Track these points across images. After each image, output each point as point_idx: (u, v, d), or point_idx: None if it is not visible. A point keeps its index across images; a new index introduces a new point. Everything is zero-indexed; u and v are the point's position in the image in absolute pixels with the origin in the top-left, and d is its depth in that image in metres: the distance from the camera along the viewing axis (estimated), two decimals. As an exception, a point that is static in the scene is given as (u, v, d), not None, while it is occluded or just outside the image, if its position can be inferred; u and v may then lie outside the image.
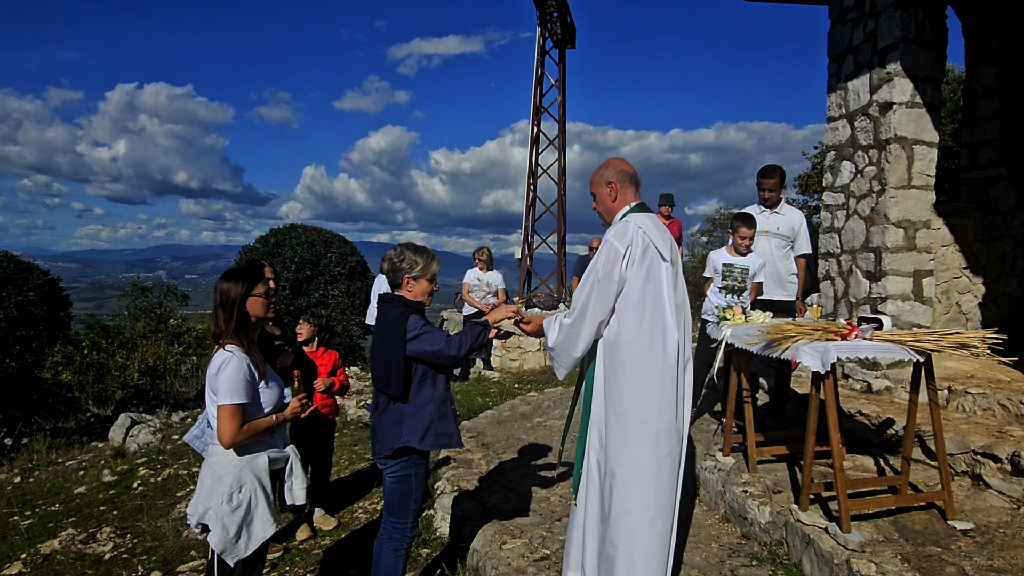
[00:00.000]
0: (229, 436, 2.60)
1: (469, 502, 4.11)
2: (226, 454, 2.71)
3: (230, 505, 2.63)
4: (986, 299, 5.73)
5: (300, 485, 2.90)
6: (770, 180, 5.00)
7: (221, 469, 2.69)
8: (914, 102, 5.11)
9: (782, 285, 5.12)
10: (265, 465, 2.75)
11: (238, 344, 2.70)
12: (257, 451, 2.74)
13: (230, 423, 2.60)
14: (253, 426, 2.68)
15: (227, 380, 2.61)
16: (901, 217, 5.12)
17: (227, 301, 2.73)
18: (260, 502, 2.69)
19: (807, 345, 3.11)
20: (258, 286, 2.79)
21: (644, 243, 2.71)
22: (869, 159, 5.31)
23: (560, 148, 10.19)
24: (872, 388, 5.10)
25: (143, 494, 5.81)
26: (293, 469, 2.90)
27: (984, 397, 4.26)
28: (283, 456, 2.87)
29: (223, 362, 2.65)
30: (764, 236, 5.05)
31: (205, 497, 2.67)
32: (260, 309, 2.80)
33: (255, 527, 2.67)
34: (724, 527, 3.77)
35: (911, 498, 3.29)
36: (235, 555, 2.64)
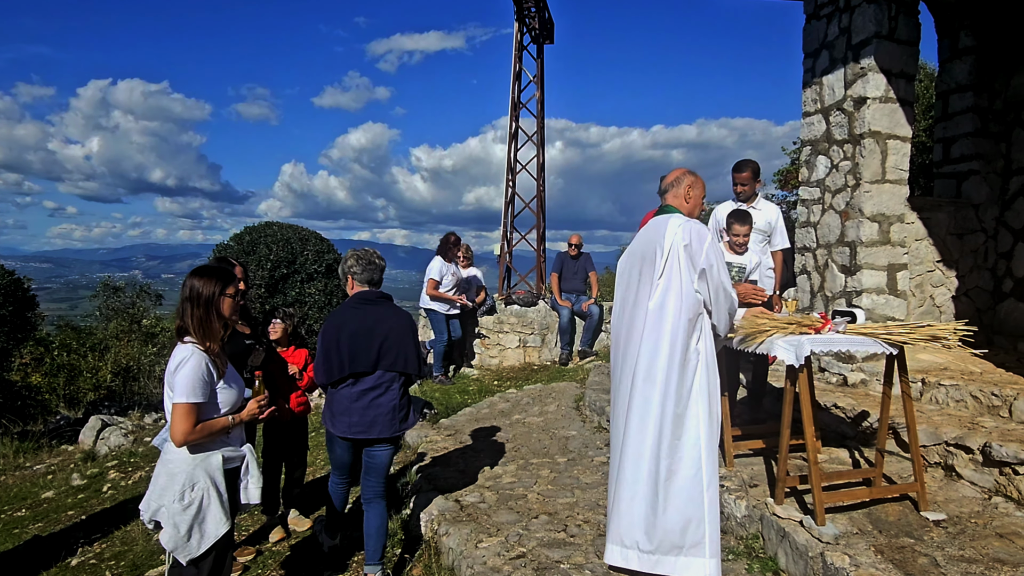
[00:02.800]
0: (181, 435, 2.58)
1: (445, 501, 4.06)
2: (180, 452, 2.67)
3: (182, 503, 2.60)
4: (959, 292, 5.80)
5: (256, 484, 2.87)
6: (742, 174, 4.95)
7: (175, 467, 2.66)
8: (888, 97, 5.14)
9: (759, 280, 5.12)
10: (219, 464, 2.71)
11: (200, 341, 2.67)
12: (211, 449, 2.70)
13: (183, 422, 2.58)
14: (207, 426, 2.65)
15: (184, 378, 2.58)
16: (875, 211, 5.16)
17: (196, 297, 2.68)
18: (213, 501, 2.66)
19: (781, 339, 3.10)
20: (230, 287, 2.76)
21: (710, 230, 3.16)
22: (844, 154, 5.34)
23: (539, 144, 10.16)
24: (848, 381, 5.13)
25: (113, 497, 5.68)
26: (249, 468, 2.86)
27: (957, 389, 4.30)
28: (239, 455, 2.83)
29: (182, 359, 2.62)
30: None
31: (158, 495, 2.65)
32: (229, 310, 2.76)
33: (208, 526, 2.64)
34: (701, 522, 3.75)
35: (885, 490, 3.30)
36: (187, 554, 2.62)
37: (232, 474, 2.81)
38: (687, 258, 2.90)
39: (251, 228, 10.12)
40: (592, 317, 8.50)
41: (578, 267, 8.59)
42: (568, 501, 4.03)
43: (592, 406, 6.10)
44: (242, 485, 2.84)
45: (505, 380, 8.33)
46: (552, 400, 6.72)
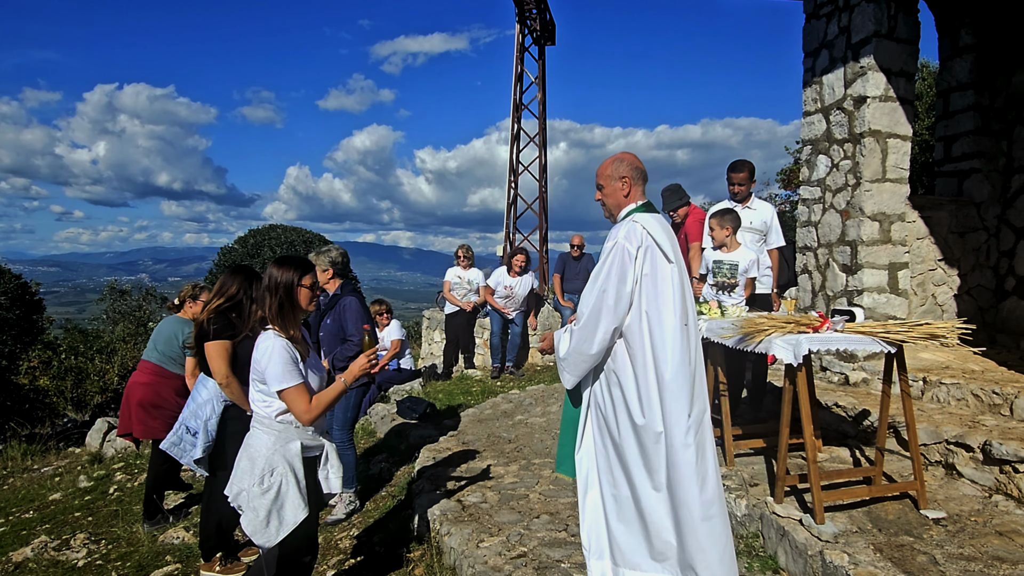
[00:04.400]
0: (304, 413, 2.68)
1: (448, 501, 4.08)
2: (260, 437, 2.75)
3: (261, 488, 2.65)
4: (961, 291, 5.79)
5: (336, 474, 2.92)
6: (739, 174, 4.99)
7: (255, 452, 2.72)
8: (888, 96, 5.14)
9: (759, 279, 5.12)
10: (297, 451, 2.75)
11: (281, 330, 2.75)
12: (291, 436, 2.75)
13: (297, 402, 2.67)
14: (321, 399, 2.74)
15: (275, 366, 2.66)
16: (876, 210, 5.16)
17: (275, 287, 2.78)
18: (291, 487, 2.69)
19: (779, 338, 3.11)
20: (307, 277, 2.85)
21: (648, 245, 2.64)
22: (844, 153, 5.35)
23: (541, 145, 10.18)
24: (849, 380, 5.13)
25: (119, 499, 5.73)
26: (329, 458, 2.91)
27: (958, 387, 4.30)
28: (318, 444, 2.88)
29: (268, 348, 2.69)
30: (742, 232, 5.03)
31: (240, 478, 2.72)
32: (305, 300, 2.85)
33: (286, 512, 2.67)
34: (702, 521, 3.77)
35: (884, 488, 3.31)
36: (266, 539, 2.65)
37: (313, 464, 2.86)
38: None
39: (255, 231, 10.16)
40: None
41: (580, 268, 8.60)
42: (569, 501, 4.04)
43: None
44: (321, 475, 2.89)
45: (508, 381, 8.35)
46: (554, 400, 6.74)
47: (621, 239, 2.64)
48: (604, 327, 2.60)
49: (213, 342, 3.63)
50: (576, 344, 2.67)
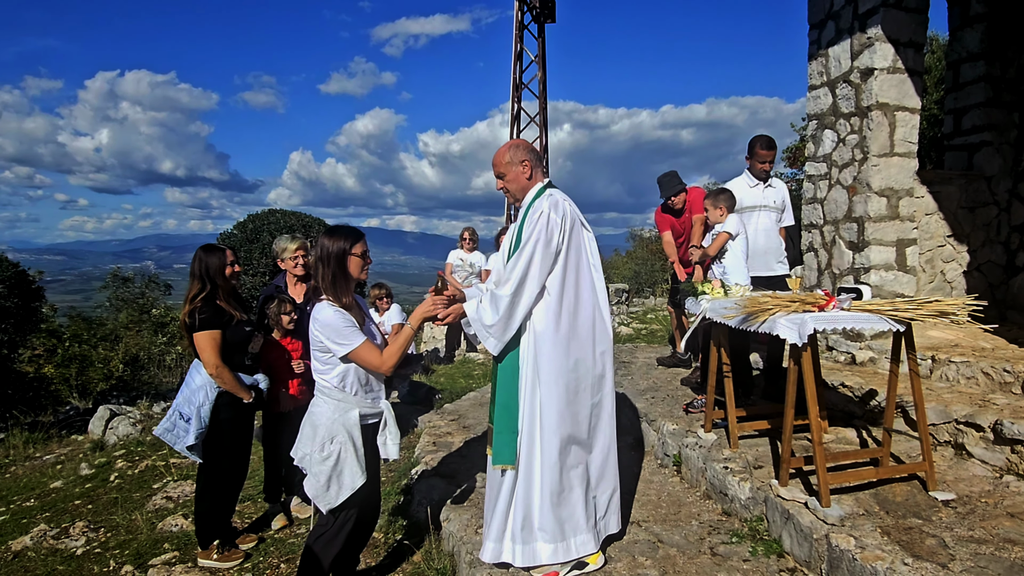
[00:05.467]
0: (380, 365, 2.79)
1: (448, 486, 4.03)
2: (322, 406, 2.82)
3: (322, 454, 2.75)
4: (971, 267, 5.67)
5: (393, 440, 2.99)
6: (770, 152, 4.84)
7: (317, 419, 2.81)
8: (896, 67, 4.99)
9: (779, 259, 5.00)
10: (356, 420, 2.82)
11: (335, 299, 2.79)
12: (350, 404, 2.82)
13: (370, 357, 2.77)
14: (392, 349, 2.83)
15: (337, 331, 2.73)
16: (884, 185, 5.03)
17: (327, 256, 2.81)
18: (350, 454, 2.77)
19: (784, 317, 3.01)
20: (357, 245, 2.86)
21: (573, 216, 2.88)
22: (851, 127, 5.20)
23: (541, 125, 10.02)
24: (856, 360, 5.04)
25: (119, 487, 5.70)
26: (388, 424, 2.98)
27: (967, 366, 4.20)
28: (377, 411, 2.95)
29: (325, 318, 2.74)
30: (763, 211, 4.90)
31: (305, 443, 2.82)
32: (356, 269, 2.87)
33: (345, 477, 2.77)
34: (705, 504, 3.70)
35: (892, 470, 3.22)
36: (327, 503, 2.77)
37: (372, 431, 2.94)
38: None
39: (254, 216, 10.08)
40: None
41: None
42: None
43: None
44: (380, 441, 2.98)
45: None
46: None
47: (546, 208, 2.83)
48: (529, 294, 2.79)
49: (201, 332, 3.56)
50: (504, 311, 2.80)
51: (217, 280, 3.71)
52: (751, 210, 4.80)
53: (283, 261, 4.49)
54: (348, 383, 2.84)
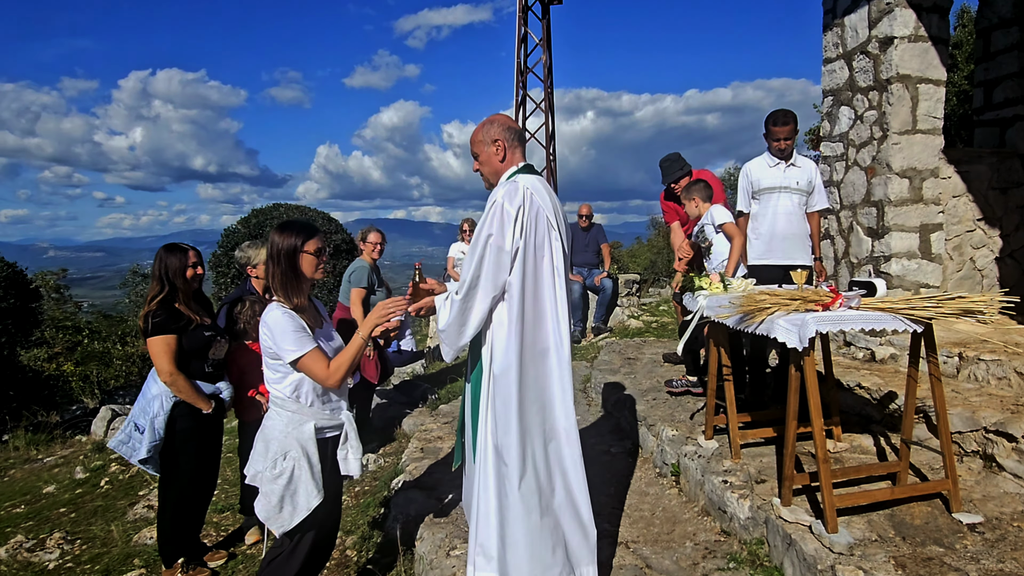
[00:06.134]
0: (326, 379, 2.53)
1: (427, 499, 3.76)
2: (275, 419, 2.60)
3: (274, 472, 2.54)
4: (1003, 253, 5.22)
5: (355, 455, 2.73)
6: (784, 127, 4.20)
7: (269, 434, 2.60)
8: (918, 35, 4.55)
9: (804, 247, 4.41)
10: (311, 433, 2.58)
11: (285, 299, 2.55)
12: (305, 417, 2.58)
13: (316, 367, 2.51)
14: (340, 360, 2.56)
15: (282, 336, 2.49)
16: (905, 166, 4.61)
17: (277, 254, 2.57)
18: (304, 472, 2.55)
19: (783, 318, 2.66)
20: (310, 242, 2.61)
21: (535, 207, 2.48)
22: (869, 102, 4.78)
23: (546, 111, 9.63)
24: (876, 356, 4.64)
25: (107, 493, 5.55)
26: (348, 437, 2.73)
27: (999, 365, 3.79)
28: (336, 424, 2.69)
29: (272, 321, 2.52)
30: (784, 192, 4.38)
31: (257, 460, 2.61)
32: (310, 268, 2.62)
33: (299, 497, 2.55)
34: (703, 521, 3.38)
35: (909, 489, 2.86)
36: (280, 525, 2.55)
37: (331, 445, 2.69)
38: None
39: (258, 211, 9.92)
40: (605, 291, 8.08)
41: (589, 239, 8.14)
42: (558, 498, 3.68)
43: (598, 388, 5.72)
44: (340, 456, 2.72)
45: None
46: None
47: (500, 199, 2.46)
48: (482, 297, 2.46)
49: (154, 337, 3.33)
50: (455, 315, 2.50)
51: (176, 282, 3.47)
52: (770, 191, 4.32)
53: (252, 268, 4.21)
54: (303, 393, 2.59)
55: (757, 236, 4.41)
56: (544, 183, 2.64)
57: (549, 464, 2.58)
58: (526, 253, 2.46)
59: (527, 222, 2.45)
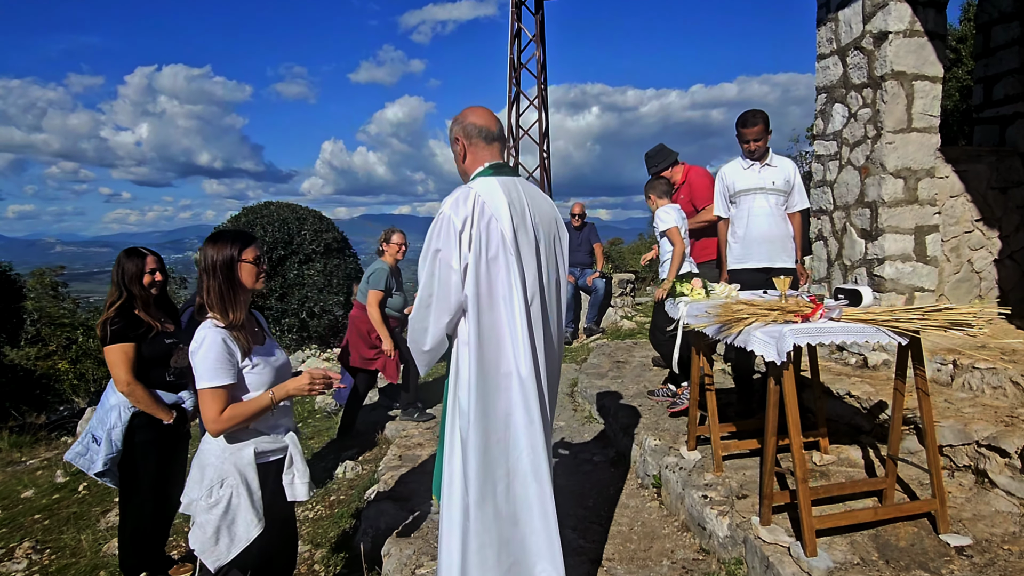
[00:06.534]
0: (211, 423, 2.32)
1: (399, 512, 3.63)
2: (212, 443, 2.41)
3: (208, 501, 2.35)
4: (1002, 255, 5.04)
5: (302, 479, 2.55)
6: (752, 128, 4.14)
7: (206, 458, 2.41)
8: (913, 30, 4.38)
9: (786, 250, 4.29)
10: (251, 459, 2.40)
11: (220, 316, 2.37)
12: (244, 440, 2.40)
13: (208, 408, 2.31)
14: (238, 409, 2.34)
15: (203, 359, 2.31)
16: (900, 165, 4.45)
17: (212, 267, 2.39)
18: (243, 500, 2.36)
19: (760, 329, 2.52)
20: (248, 250, 2.44)
21: (486, 217, 2.20)
22: (863, 100, 4.62)
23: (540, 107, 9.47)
24: (868, 363, 4.50)
25: (83, 499, 5.44)
26: (294, 461, 2.55)
27: (994, 374, 3.64)
28: (279, 447, 2.51)
29: (200, 340, 2.34)
30: (760, 194, 4.27)
31: (192, 487, 2.42)
32: (250, 278, 2.44)
33: (238, 528, 2.36)
34: (682, 538, 3.24)
35: (894, 510, 2.72)
36: (215, 559, 2.34)
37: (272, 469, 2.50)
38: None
39: (248, 209, 9.79)
40: (598, 292, 7.93)
41: (581, 238, 7.99)
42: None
43: (584, 393, 5.58)
44: (285, 480, 2.53)
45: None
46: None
47: (447, 209, 2.21)
48: (435, 318, 2.26)
49: (110, 346, 3.20)
50: (411, 335, 2.35)
51: (133, 288, 3.34)
52: (746, 193, 4.23)
53: None
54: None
55: (736, 240, 4.31)
56: (511, 184, 2.35)
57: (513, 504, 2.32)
58: (478, 269, 2.20)
59: (476, 235, 2.18)
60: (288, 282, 9.42)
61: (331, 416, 6.29)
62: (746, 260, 4.24)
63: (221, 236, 2.45)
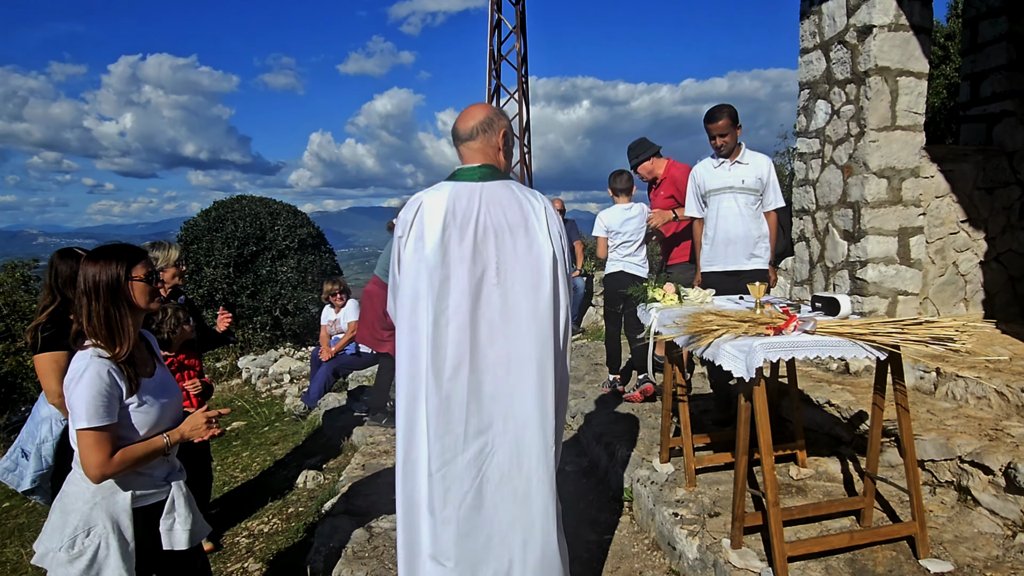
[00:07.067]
0: (96, 468, 1.99)
1: (353, 528, 3.43)
2: (78, 484, 2.08)
3: (69, 553, 2.01)
4: (988, 257, 4.91)
5: (184, 526, 2.21)
6: (718, 123, 3.91)
7: (71, 503, 2.08)
8: (899, 24, 4.22)
9: (755, 251, 4.08)
10: (127, 504, 2.08)
11: (105, 346, 2.05)
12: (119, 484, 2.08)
13: (93, 452, 1.98)
14: (130, 453, 2.04)
15: (79, 398, 1.98)
16: (883, 164, 4.29)
17: (94, 288, 2.06)
18: (112, 552, 2.03)
19: (730, 343, 2.34)
20: (138, 267, 2.12)
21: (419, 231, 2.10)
22: (846, 96, 4.46)
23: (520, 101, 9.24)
24: (850, 369, 4.35)
25: (33, 508, 5.20)
26: (175, 505, 2.22)
27: (978, 383, 3.49)
28: (159, 490, 2.19)
29: (77, 373, 2.02)
30: (729, 193, 4.09)
31: (49, 536, 2.08)
32: (143, 297, 2.13)
33: None
34: (652, 557, 3.07)
35: (871, 534, 2.56)
36: None
37: (151, 512, 2.18)
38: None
39: (220, 203, 9.52)
40: (578, 291, 7.75)
41: (561, 236, 7.79)
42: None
43: (559, 398, 5.41)
44: (163, 527, 2.20)
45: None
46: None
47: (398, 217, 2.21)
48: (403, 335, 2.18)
49: (41, 355, 2.97)
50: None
51: (67, 292, 3.11)
52: (716, 193, 4.05)
53: (160, 272, 3.82)
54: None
55: (707, 241, 4.16)
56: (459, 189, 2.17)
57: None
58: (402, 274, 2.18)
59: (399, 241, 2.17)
60: (260, 279, 9.17)
61: (299, 420, 6.08)
62: (713, 262, 4.10)
63: (104, 252, 2.13)
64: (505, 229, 2.19)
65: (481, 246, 2.13)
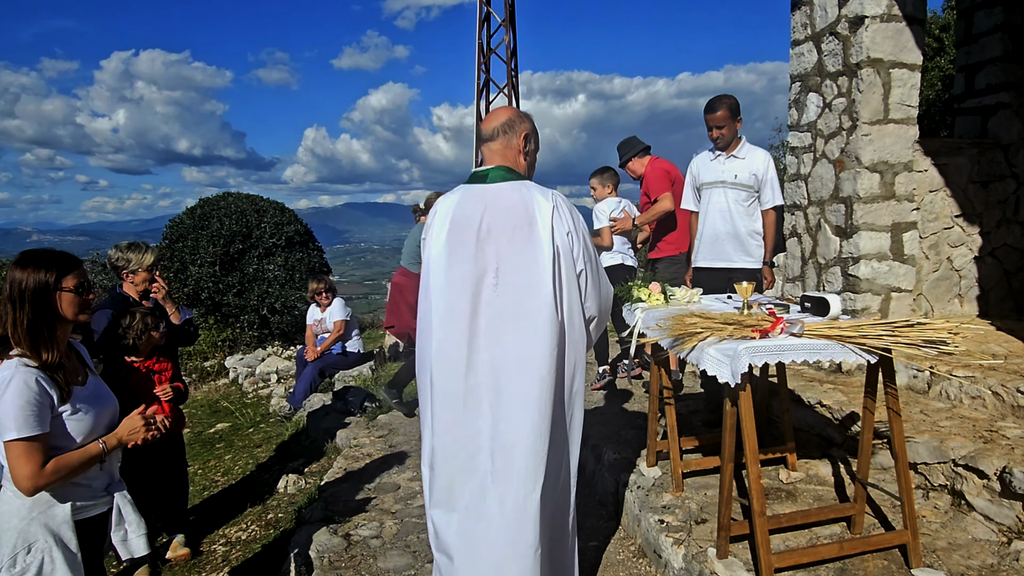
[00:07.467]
0: (28, 480, 1.89)
1: (331, 538, 3.33)
2: (10, 502, 1.97)
3: (12, 572, 1.94)
4: (983, 252, 4.82)
5: (137, 532, 2.14)
6: (715, 114, 3.78)
7: (5, 522, 1.97)
8: (891, 14, 4.12)
9: (745, 249, 3.96)
10: (67, 516, 1.99)
11: (31, 355, 1.96)
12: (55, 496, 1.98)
13: (24, 464, 1.88)
14: (64, 462, 1.95)
15: (8, 408, 1.88)
16: (876, 159, 4.19)
17: (21, 295, 1.97)
18: (58, 565, 1.96)
19: (714, 346, 2.24)
20: (68, 277, 2.04)
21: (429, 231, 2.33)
22: (838, 89, 4.35)
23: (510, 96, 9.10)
24: (842, 368, 4.26)
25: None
26: (123, 515, 2.13)
27: (973, 383, 3.41)
28: (100, 500, 2.10)
29: (3, 381, 1.91)
30: (719, 188, 3.97)
31: None
32: (71, 309, 2.04)
33: None
34: (637, 565, 2.98)
35: (862, 544, 2.46)
36: None
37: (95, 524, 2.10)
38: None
39: (205, 200, 9.38)
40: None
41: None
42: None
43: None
44: (116, 538, 2.12)
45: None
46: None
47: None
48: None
49: None
50: None
51: None
52: (710, 186, 3.97)
53: (132, 275, 3.63)
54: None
55: (698, 235, 4.08)
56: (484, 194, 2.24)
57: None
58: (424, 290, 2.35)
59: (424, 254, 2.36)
60: (247, 277, 9.03)
61: (284, 421, 5.97)
62: (701, 259, 4.02)
63: (34, 257, 2.03)
64: (507, 231, 2.19)
65: (482, 248, 2.17)
